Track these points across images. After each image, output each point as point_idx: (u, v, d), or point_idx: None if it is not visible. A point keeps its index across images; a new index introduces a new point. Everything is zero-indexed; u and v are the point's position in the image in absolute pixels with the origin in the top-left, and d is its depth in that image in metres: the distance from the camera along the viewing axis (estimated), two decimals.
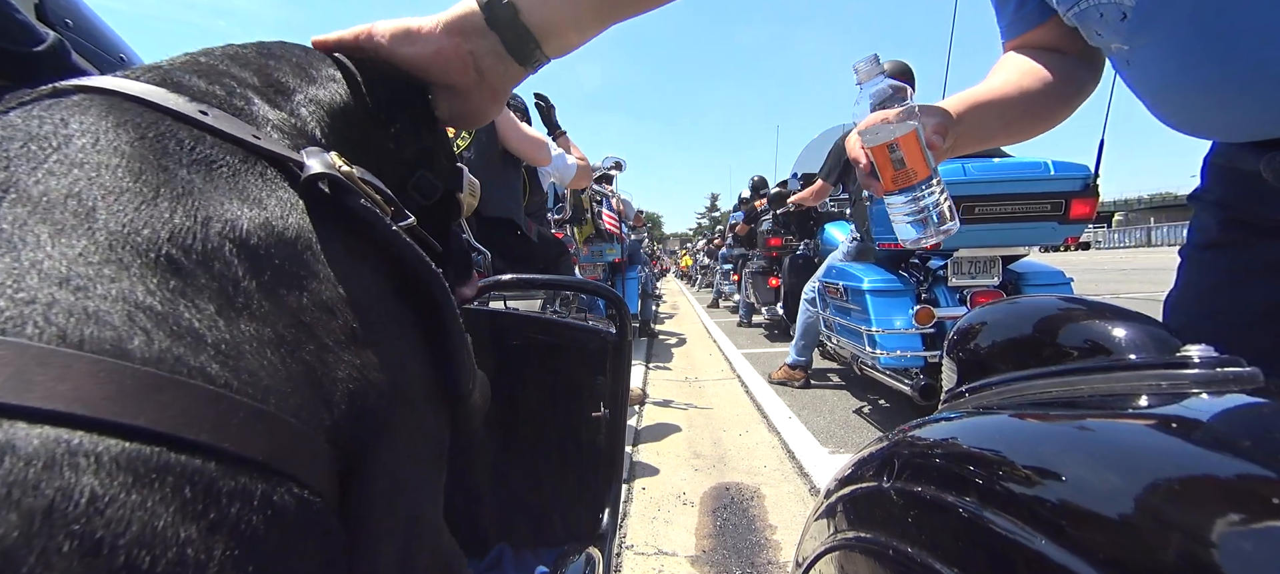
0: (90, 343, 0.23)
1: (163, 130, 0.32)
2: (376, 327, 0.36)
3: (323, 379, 0.31)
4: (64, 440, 0.21)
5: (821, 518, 0.41)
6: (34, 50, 0.66)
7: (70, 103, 0.32)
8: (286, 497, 0.26)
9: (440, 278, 0.41)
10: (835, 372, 3.37)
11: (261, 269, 0.30)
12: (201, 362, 0.26)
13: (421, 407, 0.39)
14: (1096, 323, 0.40)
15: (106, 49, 0.98)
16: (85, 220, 0.26)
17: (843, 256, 2.81)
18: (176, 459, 0.23)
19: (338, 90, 0.46)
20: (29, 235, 0.25)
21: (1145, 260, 16.46)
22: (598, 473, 0.93)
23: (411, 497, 0.37)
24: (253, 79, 0.42)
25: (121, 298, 0.25)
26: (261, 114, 0.39)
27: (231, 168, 0.33)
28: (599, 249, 4.02)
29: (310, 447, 0.29)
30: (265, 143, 0.36)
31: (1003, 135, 0.72)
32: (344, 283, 0.34)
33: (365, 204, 0.37)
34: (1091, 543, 0.21)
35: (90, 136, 0.30)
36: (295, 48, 0.48)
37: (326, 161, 0.37)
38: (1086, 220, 2.17)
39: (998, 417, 0.37)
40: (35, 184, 0.27)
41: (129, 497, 0.21)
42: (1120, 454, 0.26)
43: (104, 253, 0.26)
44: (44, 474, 0.20)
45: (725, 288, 7.92)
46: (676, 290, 14.15)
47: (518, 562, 0.88)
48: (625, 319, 0.92)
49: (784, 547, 1.45)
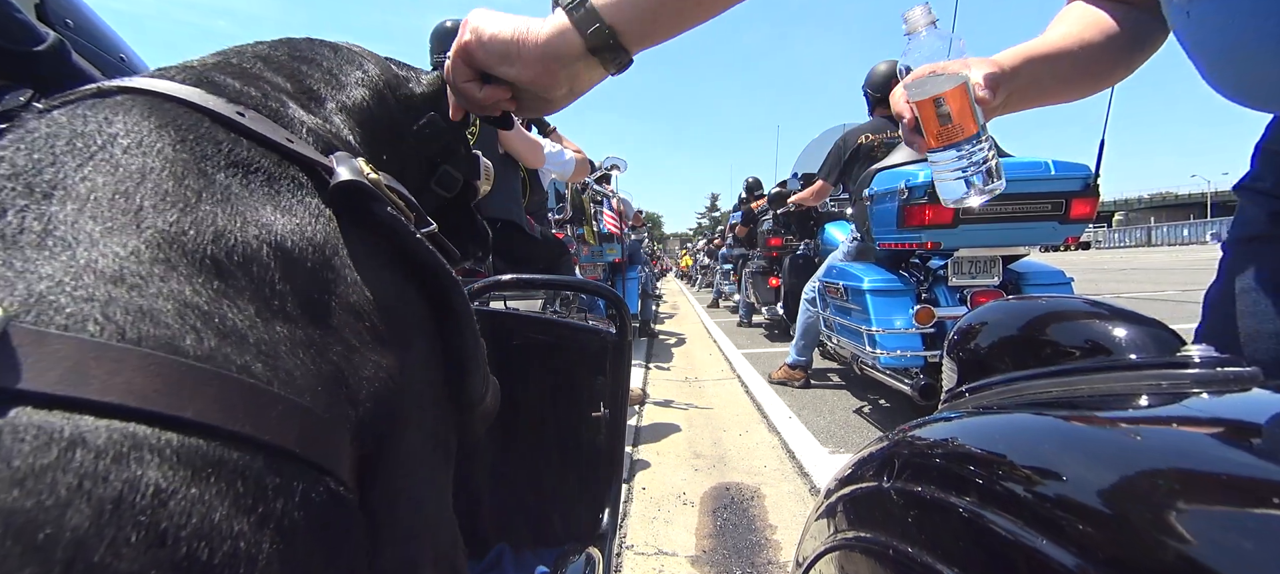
0: (148, 340, 0.24)
1: (202, 132, 0.34)
2: (399, 330, 0.37)
3: (349, 378, 0.32)
4: (130, 434, 0.22)
5: (822, 518, 0.41)
6: (34, 50, 0.66)
7: (113, 103, 0.33)
8: (323, 490, 0.27)
9: (460, 285, 0.42)
10: (835, 371, 3.37)
11: (295, 273, 0.31)
12: (246, 359, 0.26)
13: (435, 407, 0.40)
14: (1097, 323, 0.40)
15: (107, 49, 0.98)
16: (133, 220, 0.27)
17: (843, 256, 2.81)
18: (228, 453, 0.24)
19: (366, 95, 0.48)
20: (81, 233, 0.26)
21: (1146, 260, 16.47)
22: (598, 473, 0.93)
23: (422, 492, 0.38)
24: (285, 83, 0.43)
25: (172, 296, 0.26)
26: (295, 117, 0.40)
27: (267, 172, 0.34)
28: (599, 249, 4.02)
29: (340, 442, 0.30)
30: (299, 147, 0.37)
31: (1059, 91, 0.65)
32: (370, 287, 0.35)
33: (391, 211, 0.38)
34: (1092, 543, 0.21)
35: (134, 137, 0.31)
36: (324, 48, 0.49)
37: (355, 168, 0.38)
38: (1087, 220, 2.17)
39: (998, 417, 0.36)
40: (82, 181, 0.28)
41: (189, 490, 0.22)
42: (1121, 454, 0.26)
43: (154, 252, 0.27)
44: (113, 467, 0.21)
45: (725, 288, 7.92)
46: (676, 290, 14.16)
47: (518, 562, 0.88)
48: (625, 319, 0.92)
49: (784, 547, 1.45)
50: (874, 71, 2.90)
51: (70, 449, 0.20)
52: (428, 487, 0.39)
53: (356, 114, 0.46)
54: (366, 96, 0.48)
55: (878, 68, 2.89)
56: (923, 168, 2.10)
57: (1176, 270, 10.59)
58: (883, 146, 2.69)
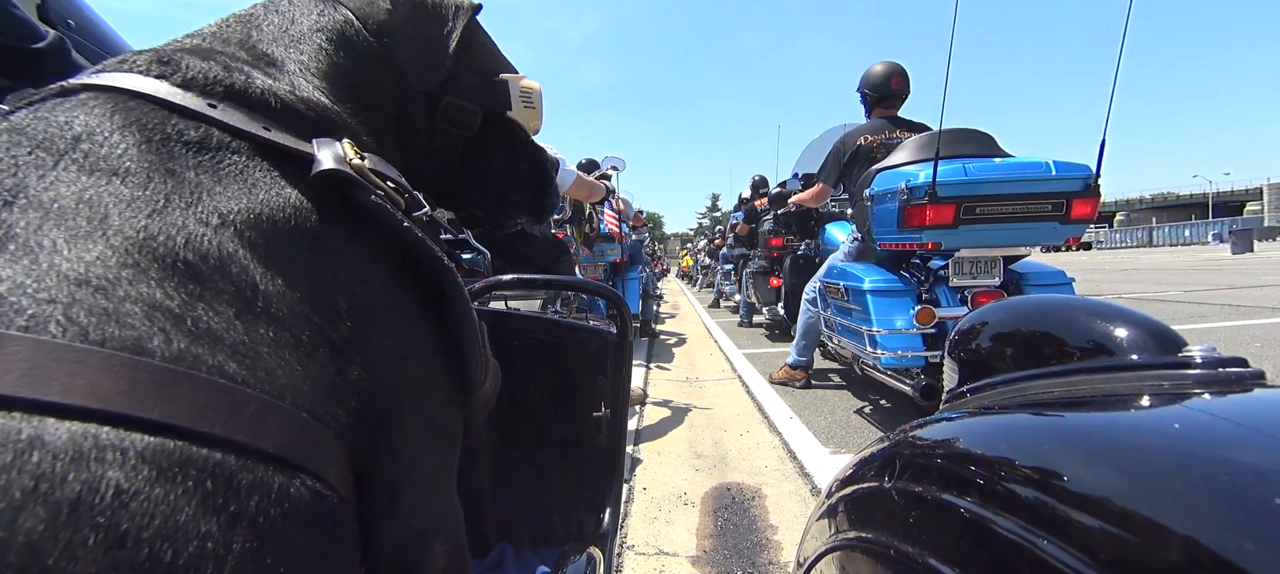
0: (112, 341, 0.23)
1: (169, 130, 0.32)
2: (388, 323, 0.36)
3: (336, 377, 0.31)
4: (92, 435, 0.21)
5: (823, 518, 0.41)
6: (34, 48, 0.66)
7: (75, 103, 0.32)
8: (302, 490, 0.27)
9: (452, 270, 0.41)
10: (836, 372, 3.37)
11: (277, 272, 0.30)
12: (219, 360, 0.26)
13: (433, 397, 0.39)
14: (1098, 323, 0.40)
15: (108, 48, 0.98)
16: (99, 226, 0.27)
17: (844, 257, 2.80)
18: (197, 452, 0.23)
19: (324, 42, 0.43)
20: (45, 240, 0.25)
21: (1147, 260, 16.45)
22: (599, 473, 0.93)
23: (428, 478, 0.38)
24: (240, 51, 0.40)
25: (141, 299, 0.25)
26: (266, 96, 0.37)
27: (239, 166, 0.33)
28: (600, 249, 4.02)
29: (324, 442, 0.29)
30: (276, 136, 0.35)
31: None
32: (356, 281, 0.34)
33: (376, 199, 0.37)
34: (1093, 543, 0.21)
35: (96, 140, 0.30)
36: (271, 9, 0.45)
37: (337, 155, 0.36)
38: (1088, 220, 2.17)
39: (999, 417, 0.36)
40: (45, 190, 0.27)
41: (152, 490, 0.21)
42: (1122, 455, 0.26)
43: (121, 258, 0.26)
44: (71, 468, 0.20)
45: (726, 288, 7.92)
46: (677, 290, 14.15)
47: (519, 561, 0.88)
48: (626, 319, 0.92)
49: (785, 547, 1.45)
50: (870, 72, 2.89)
51: (27, 451, 0.20)
52: (434, 473, 0.38)
53: (320, 68, 0.42)
54: (324, 43, 0.43)
55: (874, 68, 2.89)
56: (923, 168, 2.10)
57: (1178, 271, 10.57)
58: (882, 147, 2.69)
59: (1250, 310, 4.85)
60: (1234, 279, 7.73)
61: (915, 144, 2.36)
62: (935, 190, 2.02)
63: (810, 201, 3.22)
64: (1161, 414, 0.30)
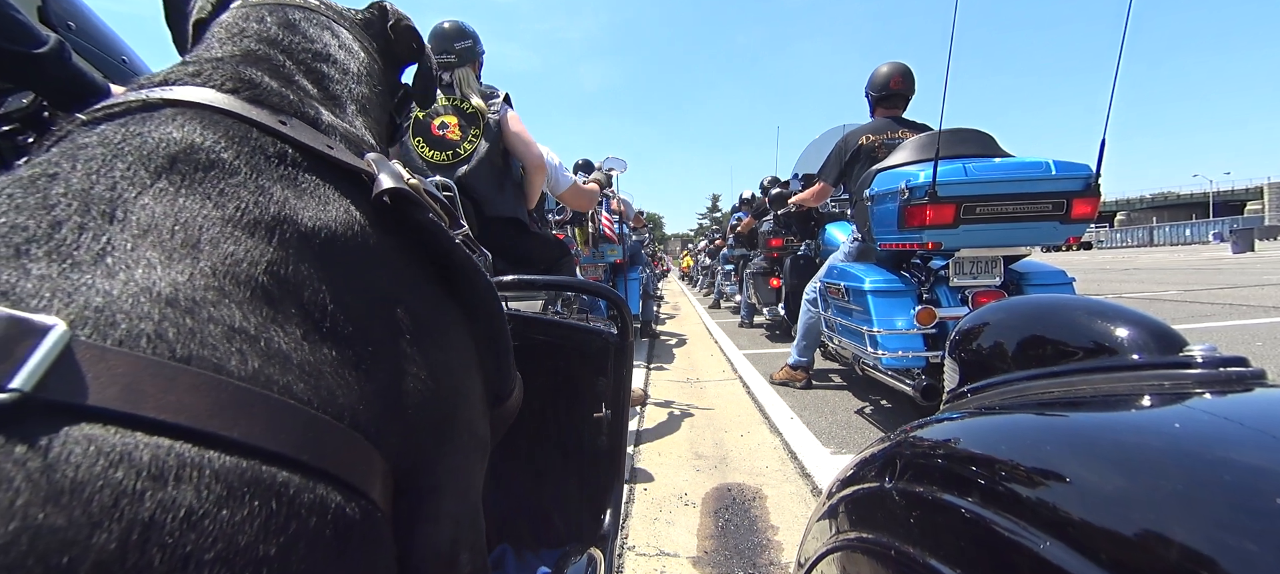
0: (196, 359, 0.25)
1: (253, 146, 0.34)
2: (438, 336, 0.37)
3: (390, 392, 0.32)
4: (176, 453, 0.22)
5: (824, 518, 0.41)
6: (34, 52, 0.67)
7: (164, 118, 0.34)
8: (355, 510, 0.28)
9: (494, 287, 0.43)
10: (837, 372, 3.37)
11: (341, 288, 0.32)
12: (288, 380, 0.27)
13: (473, 408, 0.41)
14: (1099, 323, 0.40)
15: (109, 51, 0.98)
16: (191, 249, 0.28)
17: (844, 257, 2.80)
18: (266, 473, 0.24)
19: (362, 71, 0.49)
20: (140, 257, 0.26)
21: (1147, 260, 16.44)
22: (599, 474, 0.93)
23: (465, 484, 0.39)
24: (309, 85, 0.44)
25: (222, 321, 0.26)
26: (325, 118, 0.40)
27: (312, 183, 0.35)
28: (601, 249, 4.02)
29: (374, 460, 0.30)
30: (339, 153, 0.38)
31: None
32: (411, 296, 0.36)
33: (432, 218, 0.39)
34: (1094, 544, 0.21)
35: (193, 160, 0.32)
36: (313, 24, 0.49)
37: (395, 173, 0.38)
38: (1088, 220, 2.16)
39: (1000, 417, 0.36)
40: (144, 209, 0.28)
41: (220, 512, 0.22)
42: (1123, 455, 0.26)
43: (207, 279, 0.27)
44: (150, 485, 0.21)
45: (726, 288, 7.91)
46: (678, 291, 14.15)
47: (520, 562, 0.88)
48: (627, 320, 0.92)
49: (786, 547, 1.45)
50: (877, 73, 2.91)
51: (115, 466, 0.21)
52: (469, 484, 0.40)
53: (361, 100, 0.47)
54: (363, 72, 0.50)
55: (880, 70, 2.90)
56: (923, 168, 2.10)
57: (1179, 270, 10.56)
58: (883, 147, 2.69)
59: (1251, 310, 4.85)
60: (1234, 278, 7.72)
61: (915, 144, 2.37)
62: (935, 190, 2.02)
63: (811, 201, 3.23)
64: (1162, 414, 0.30)
